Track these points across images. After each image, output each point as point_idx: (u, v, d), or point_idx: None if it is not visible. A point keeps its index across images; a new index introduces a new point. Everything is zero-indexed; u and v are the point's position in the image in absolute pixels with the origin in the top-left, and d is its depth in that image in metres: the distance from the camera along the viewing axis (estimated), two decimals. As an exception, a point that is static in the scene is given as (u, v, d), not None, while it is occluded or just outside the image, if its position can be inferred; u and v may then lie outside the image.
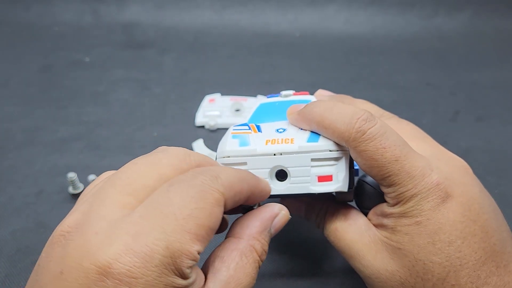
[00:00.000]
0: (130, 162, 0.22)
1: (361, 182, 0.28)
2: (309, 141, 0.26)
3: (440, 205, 0.24)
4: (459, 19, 0.75)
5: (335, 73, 0.64)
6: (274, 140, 0.27)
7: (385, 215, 0.26)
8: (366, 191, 0.28)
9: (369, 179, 0.28)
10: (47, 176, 0.45)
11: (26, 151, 0.49)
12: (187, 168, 0.21)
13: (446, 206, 0.24)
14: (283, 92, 0.33)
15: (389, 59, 0.68)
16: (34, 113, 0.55)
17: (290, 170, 0.26)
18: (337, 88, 0.61)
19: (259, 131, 0.28)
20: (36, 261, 0.19)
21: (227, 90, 0.58)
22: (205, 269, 0.21)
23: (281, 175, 0.26)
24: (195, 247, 0.18)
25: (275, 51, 0.70)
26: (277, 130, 0.28)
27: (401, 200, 0.25)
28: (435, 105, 0.58)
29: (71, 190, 0.43)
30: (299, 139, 0.27)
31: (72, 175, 0.42)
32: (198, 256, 0.19)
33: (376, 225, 0.27)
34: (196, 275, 0.19)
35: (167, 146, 0.23)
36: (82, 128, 0.52)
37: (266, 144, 0.26)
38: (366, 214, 0.28)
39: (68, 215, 0.20)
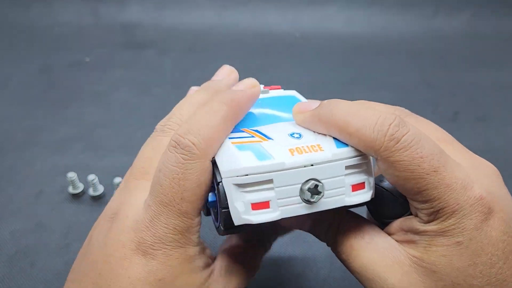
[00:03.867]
0: (141, 149, 0.27)
1: (380, 188, 0.25)
2: (339, 146, 0.23)
3: (483, 223, 0.21)
4: (459, 20, 0.75)
5: (335, 73, 0.64)
6: (300, 149, 0.22)
7: (417, 233, 0.23)
8: (386, 199, 0.25)
9: (387, 184, 0.24)
10: (47, 176, 0.45)
11: (26, 151, 0.49)
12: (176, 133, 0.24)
13: (489, 223, 0.21)
14: None
15: (389, 59, 0.68)
16: (34, 114, 0.55)
17: (324, 182, 0.22)
18: (337, 88, 0.61)
19: (267, 137, 0.24)
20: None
21: (227, 90, 0.57)
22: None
23: (313, 191, 0.22)
24: (194, 217, 0.23)
25: (275, 52, 0.70)
26: (292, 135, 0.24)
27: (439, 217, 0.22)
28: (435, 105, 0.58)
29: (71, 190, 0.43)
30: (327, 145, 0.23)
31: (72, 175, 0.42)
32: (199, 217, 0.24)
33: (401, 242, 0.24)
34: (199, 242, 0.24)
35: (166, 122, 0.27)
36: (82, 128, 0.52)
37: (293, 154, 0.22)
38: (383, 225, 0.25)
39: (110, 202, 0.26)
